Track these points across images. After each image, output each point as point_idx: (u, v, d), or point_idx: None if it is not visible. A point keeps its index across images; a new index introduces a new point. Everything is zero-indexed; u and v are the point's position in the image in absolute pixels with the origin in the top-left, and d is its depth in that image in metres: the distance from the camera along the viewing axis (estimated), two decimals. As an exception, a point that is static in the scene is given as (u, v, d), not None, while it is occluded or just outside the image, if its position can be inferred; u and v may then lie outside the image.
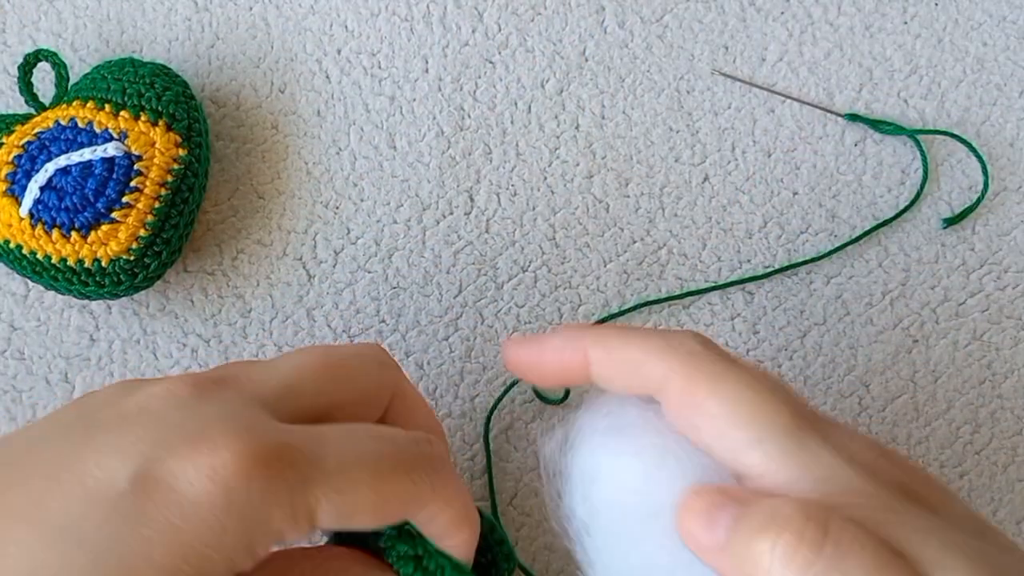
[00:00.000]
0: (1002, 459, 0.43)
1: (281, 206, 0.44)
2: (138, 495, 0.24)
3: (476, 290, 0.44)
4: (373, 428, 0.29)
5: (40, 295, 0.43)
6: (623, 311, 0.43)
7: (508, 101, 0.45)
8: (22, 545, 0.23)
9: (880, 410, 0.43)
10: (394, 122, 0.45)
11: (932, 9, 0.47)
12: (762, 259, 0.44)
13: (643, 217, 0.44)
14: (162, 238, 0.40)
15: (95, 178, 0.39)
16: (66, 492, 0.24)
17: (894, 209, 0.45)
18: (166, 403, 0.27)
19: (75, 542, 0.23)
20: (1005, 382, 0.44)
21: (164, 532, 0.23)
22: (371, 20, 0.45)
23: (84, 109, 0.40)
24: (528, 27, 0.46)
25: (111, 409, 0.27)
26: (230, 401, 0.27)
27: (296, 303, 0.43)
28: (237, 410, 0.27)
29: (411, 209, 0.44)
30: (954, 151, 0.46)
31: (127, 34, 0.45)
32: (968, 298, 0.44)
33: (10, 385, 0.42)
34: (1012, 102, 0.46)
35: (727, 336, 0.44)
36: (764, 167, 0.45)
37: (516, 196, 0.44)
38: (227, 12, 0.45)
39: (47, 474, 0.25)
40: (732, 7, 0.46)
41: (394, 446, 0.28)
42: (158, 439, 0.25)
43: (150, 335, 0.43)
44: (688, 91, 0.46)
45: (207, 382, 0.28)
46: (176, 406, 0.27)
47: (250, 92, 0.45)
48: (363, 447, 0.27)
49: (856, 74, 0.46)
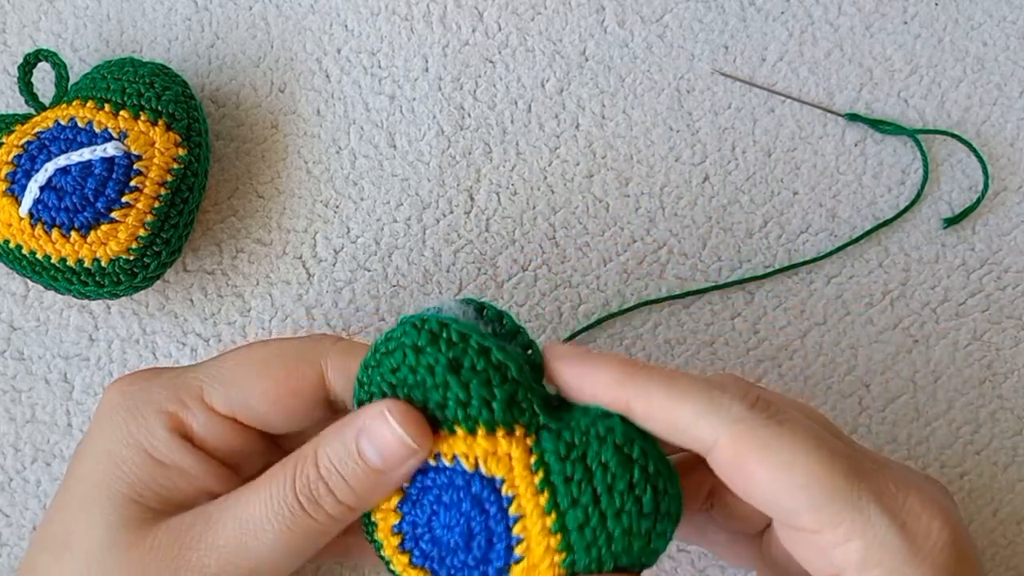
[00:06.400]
0: (1002, 459, 0.43)
1: (281, 205, 0.44)
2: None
3: (476, 289, 0.44)
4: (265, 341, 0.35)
5: (40, 295, 0.43)
6: (623, 310, 0.43)
7: (508, 100, 0.45)
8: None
9: (880, 410, 0.43)
10: (394, 121, 0.45)
11: (932, 9, 0.47)
12: (762, 259, 0.44)
13: (643, 216, 0.44)
14: (162, 238, 0.40)
15: (95, 178, 0.39)
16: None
17: (894, 209, 0.45)
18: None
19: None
20: (1005, 382, 0.44)
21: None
22: (371, 19, 0.45)
23: (84, 109, 0.40)
24: (528, 26, 0.46)
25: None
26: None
27: (296, 302, 0.43)
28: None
29: (411, 208, 0.44)
30: (954, 151, 0.46)
31: (127, 34, 0.45)
32: (968, 298, 0.44)
33: (10, 385, 0.42)
34: (1012, 102, 0.46)
35: (727, 336, 0.44)
36: (764, 167, 0.45)
37: (516, 195, 0.44)
38: (227, 12, 0.45)
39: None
40: (732, 7, 0.46)
41: (279, 344, 0.34)
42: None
43: (150, 335, 0.43)
44: (688, 91, 0.46)
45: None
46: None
47: (250, 92, 0.45)
48: (246, 352, 0.34)
49: (856, 74, 0.46)
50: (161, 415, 0.32)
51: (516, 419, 0.30)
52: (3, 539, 0.41)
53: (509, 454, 0.30)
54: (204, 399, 0.33)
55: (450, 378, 0.29)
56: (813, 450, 0.28)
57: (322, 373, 0.33)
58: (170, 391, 0.33)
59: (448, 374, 0.29)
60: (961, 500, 0.43)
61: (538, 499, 0.29)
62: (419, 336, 0.30)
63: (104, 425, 0.33)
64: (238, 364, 0.33)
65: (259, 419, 0.33)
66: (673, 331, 0.44)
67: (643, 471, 0.29)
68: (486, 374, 0.29)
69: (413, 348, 0.30)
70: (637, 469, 0.29)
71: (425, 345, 0.29)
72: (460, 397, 0.29)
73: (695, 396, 0.29)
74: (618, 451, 0.29)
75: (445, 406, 0.30)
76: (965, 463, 0.43)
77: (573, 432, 0.29)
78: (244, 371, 0.33)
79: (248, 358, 0.33)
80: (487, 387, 0.29)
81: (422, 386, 0.30)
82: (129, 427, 0.32)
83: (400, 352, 0.30)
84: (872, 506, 0.27)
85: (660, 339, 0.44)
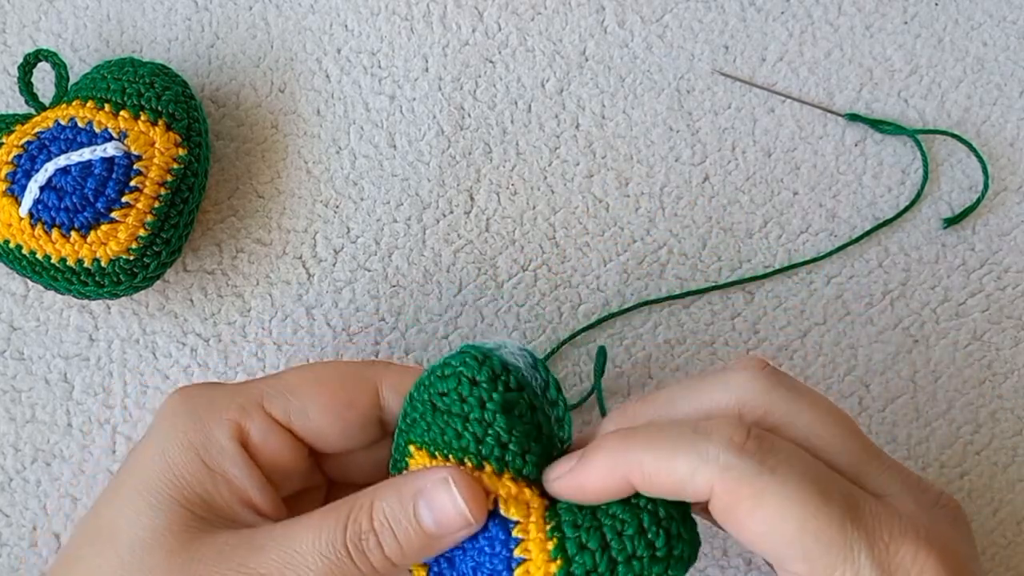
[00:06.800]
0: (1002, 459, 0.43)
1: (281, 205, 0.44)
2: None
3: (476, 289, 0.44)
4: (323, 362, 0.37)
5: (40, 295, 0.43)
6: (623, 310, 0.43)
7: (508, 100, 0.45)
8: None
9: (880, 410, 0.43)
10: (394, 121, 0.45)
11: (932, 9, 0.47)
12: (762, 259, 0.44)
13: (643, 217, 0.44)
14: (161, 238, 0.40)
15: (95, 178, 0.39)
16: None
17: (894, 209, 0.45)
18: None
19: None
20: (1005, 382, 0.44)
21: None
22: (371, 19, 0.45)
23: (84, 109, 0.40)
24: (528, 26, 0.46)
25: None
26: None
27: (296, 302, 0.43)
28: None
29: (411, 208, 0.44)
30: (954, 151, 0.46)
31: (127, 34, 0.45)
32: (968, 298, 0.44)
33: (10, 385, 0.42)
34: (1012, 102, 0.46)
35: (727, 336, 0.44)
36: (764, 167, 0.45)
37: (516, 195, 0.44)
38: (227, 12, 0.45)
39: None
40: (732, 7, 0.46)
41: (337, 363, 0.36)
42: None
43: (150, 335, 0.43)
44: (688, 91, 0.46)
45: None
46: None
47: (250, 92, 0.45)
48: (306, 368, 0.35)
49: (856, 74, 0.46)
50: (223, 422, 0.33)
51: (541, 473, 0.31)
52: (3, 539, 0.41)
53: (528, 503, 0.30)
54: (264, 406, 0.33)
55: (500, 417, 0.30)
56: (808, 499, 0.28)
57: (377, 392, 0.34)
58: (232, 398, 0.33)
59: (500, 413, 0.30)
60: (961, 500, 0.43)
61: (545, 544, 0.30)
62: (479, 370, 0.30)
63: (163, 426, 0.33)
64: (298, 377, 0.34)
65: (314, 432, 0.34)
66: (673, 331, 0.44)
67: (653, 516, 0.30)
68: (531, 427, 0.30)
69: (470, 380, 0.30)
70: (647, 516, 0.30)
71: (483, 381, 0.30)
72: (502, 438, 0.30)
73: (683, 451, 0.29)
74: (625, 503, 0.30)
75: (482, 442, 0.30)
76: (965, 463, 0.43)
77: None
78: (304, 383, 0.34)
79: (308, 373, 0.34)
80: (527, 439, 0.30)
81: (465, 417, 0.30)
82: (187, 431, 0.33)
83: (455, 379, 0.31)
84: (863, 557, 0.28)
85: (660, 339, 0.44)
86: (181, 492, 0.32)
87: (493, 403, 0.30)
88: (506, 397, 0.30)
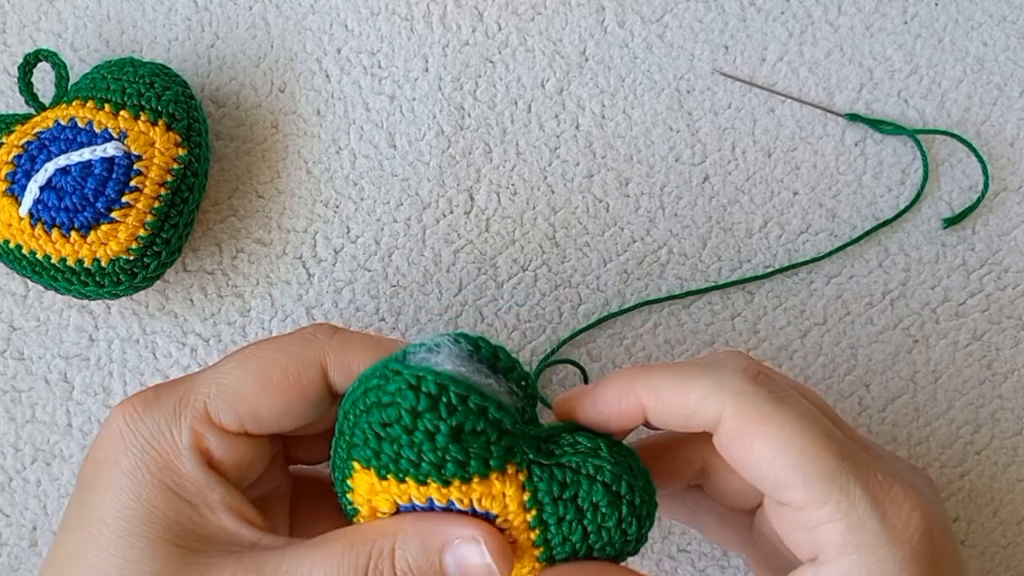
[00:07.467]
0: (1002, 459, 0.43)
1: (281, 205, 0.44)
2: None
3: (476, 289, 0.44)
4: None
5: (40, 295, 0.43)
6: (623, 310, 0.43)
7: (508, 100, 0.45)
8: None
9: (880, 410, 0.43)
10: (394, 121, 0.45)
11: (932, 9, 0.47)
12: (762, 259, 0.44)
13: (643, 217, 0.44)
14: (161, 238, 0.40)
15: (95, 178, 0.39)
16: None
17: (894, 209, 0.45)
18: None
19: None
20: (1005, 382, 0.44)
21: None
22: (371, 19, 0.45)
23: (84, 109, 0.40)
24: (528, 26, 0.46)
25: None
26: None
27: (296, 302, 0.43)
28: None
29: (411, 208, 0.44)
30: (954, 151, 0.46)
31: (127, 34, 0.45)
32: (968, 298, 0.44)
33: (10, 385, 0.42)
34: (1012, 102, 0.46)
35: (727, 336, 0.44)
36: (764, 167, 0.45)
37: (516, 195, 0.44)
38: (227, 12, 0.45)
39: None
40: (732, 7, 0.46)
41: (275, 347, 0.33)
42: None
43: (150, 335, 0.43)
44: (688, 91, 0.46)
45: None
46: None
47: (250, 92, 0.45)
48: (241, 360, 0.33)
49: (856, 74, 0.46)
50: (184, 450, 0.32)
51: (509, 460, 0.30)
52: (3, 539, 0.41)
53: (503, 492, 0.30)
54: (214, 421, 0.32)
55: (451, 446, 0.29)
56: (809, 430, 0.29)
57: (323, 371, 0.33)
58: (178, 419, 0.32)
59: (450, 443, 0.29)
60: (961, 500, 0.43)
61: (529, 534, 0.30)
62: (417, 400, 0.28)
63: (122, 463, 0.31)
64: (240, 373, 0.32)
65: (269, 428, 0.33)
66: (673, 331, 0.44)
67: (631, 506, 0.30)
68: (485, 436, 0.29)
69: (411, 412, 0.29)
70: (625, 506, 0.30)
71: (424, 411, 0.29)
72: (459, 460, 0.29)
73: (699, 378, 0.30)
74: (607, 490, 0.30)
75: (443, 467, 0.29)
76: (965, 463, 0.43)
77: (564, 471, 0.30)
78: (247, 385, 0.32)
79: (251, 364, 0.33)
80: (486, 448, 0.29)
81: (417, 447, 0.29)
82: (152, 470, 0.31)
83: (395, 410, 0.29)
84: (858, 490, 0.29)
85: (660, 339, 0.44)
86: (171, 531, 0.31)
87: (442, 435, 0.29)
88: (452, 425, 0.29)
